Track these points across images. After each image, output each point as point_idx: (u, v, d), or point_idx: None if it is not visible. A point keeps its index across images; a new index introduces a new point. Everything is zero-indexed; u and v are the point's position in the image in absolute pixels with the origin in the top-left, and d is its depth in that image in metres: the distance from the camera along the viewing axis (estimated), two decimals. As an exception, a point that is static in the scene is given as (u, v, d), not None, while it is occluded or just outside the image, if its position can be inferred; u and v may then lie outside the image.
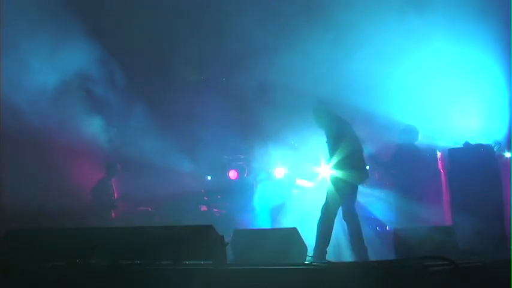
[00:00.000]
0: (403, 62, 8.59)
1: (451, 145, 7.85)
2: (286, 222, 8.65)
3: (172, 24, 9.65)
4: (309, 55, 8.79)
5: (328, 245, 6.66)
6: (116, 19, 9.46)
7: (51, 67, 8.83)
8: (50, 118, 8.98)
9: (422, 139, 8.16)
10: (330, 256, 6.67)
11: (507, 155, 8.43)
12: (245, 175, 10.81)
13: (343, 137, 6.76)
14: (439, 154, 8.55)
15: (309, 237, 6.42)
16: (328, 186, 6.86)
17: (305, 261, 5.64)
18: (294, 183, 10.24)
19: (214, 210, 10.76)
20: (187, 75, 10.66)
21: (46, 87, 8.92)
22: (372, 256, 6.66)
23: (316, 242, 6.62)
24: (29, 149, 8.83)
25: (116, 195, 9.70)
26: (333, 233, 6.79)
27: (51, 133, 8.94)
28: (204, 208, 10.78)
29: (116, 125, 9.98)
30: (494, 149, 7.66)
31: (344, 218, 6.82)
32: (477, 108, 8.38)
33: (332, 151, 6.82)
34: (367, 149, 7.32)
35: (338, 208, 6.78)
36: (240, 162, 11.08)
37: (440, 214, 8.18)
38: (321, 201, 6.93)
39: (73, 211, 8.41)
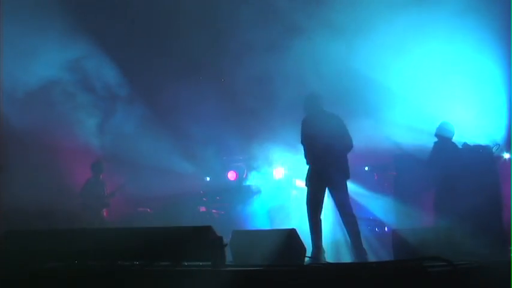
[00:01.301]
0: (401, 62, 8.59)
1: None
2: (285, 223, 8.65)
3: (171, 23, 9.64)
4: (311, 55, 8.77)
5: (321, 240, 6.64)
6: (114, 18, 9.45)
7: (45, 65, 8.81)
8: (45, 118, 8.97)
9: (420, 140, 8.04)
10: (329, 257, 6.67)
11: (506, 156, 8.44)
12: (244, 176, 10.81)
13: (310, 140, 6.91)
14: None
15: (308, 238, 6.42)
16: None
17: (304, 262, 5.64)
18: (292, 183, 10.24)
19: (213, 211, 10.75)
20: (186, 75, 10.65)
21: (42, 86, 8.90)
22: (371, 257, 6.67)
23: (311, 242, 6.63)
24: (27, 149, 8.81)
25: (107, 192, 9.64)
26: (330, 234, 6.79)
27: (48, 133, 8.93)
28: (202, 209, 10.77)
29: (114, 125, 9.96)
30: (493, 150, 7.67)
31: (341, 218, 6.83)
32: (476, 109, 8.38)
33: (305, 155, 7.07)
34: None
35: (315, 202, 6.76)
36: (239, 163, 11.08)
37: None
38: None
39: (65, 213, 8.37)
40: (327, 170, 6.68)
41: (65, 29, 8.73)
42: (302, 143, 7.03)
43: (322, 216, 6.81)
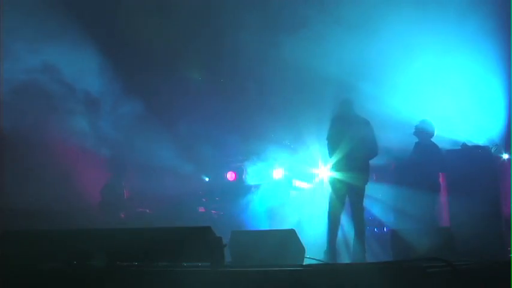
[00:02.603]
0: (400, 62, 8.60)
1: (449, 146, 7.86)
2: (284, 224, 8.65)
3: (171, 24, 9.63)
4: (310, 54, 8.77)
5: (335, 241, 6.69)
6: (114, 19, 9.44)
7: (51, 66, 8.81)
8: (51, 117, 8.97)
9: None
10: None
11: (504, 156, 8.46)
12: (243, 176, 10.80)
13: (336, 139, 6.82)
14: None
15: (307, 238, 6.42)
16: (329, 189, 6.89)
17: (303, 262, 5.64)
18: (291, 184, 10.24)
19: (213, 211, 10.75)
20: (186, 76, 10.65)
21: (46, 86, 8.89)
22: (369, 257, 6.67)
23: (327, 245, 6.63)
24: (30, 149, 8.79)
25: (126, 195, 9.65)
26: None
27: (51, 133, 8.92)
28: (202, 209, 10.77)
29: (114, 126, 9.95)
30: (492, 151, 7.68)
31: (352, 216, 6.83)
32: (474, 109, 8.39)
33: (328, 153, 6.92)
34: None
35: (341, 210, 6.79)
36: (238, 164, 11.07)
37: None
38: (319, 202, 6.94)
39: (77, 212, 8.37)
40: (348, 172, 6.68)
41: (60, 28, 8.70)
42: (328, 139, 6.95)
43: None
